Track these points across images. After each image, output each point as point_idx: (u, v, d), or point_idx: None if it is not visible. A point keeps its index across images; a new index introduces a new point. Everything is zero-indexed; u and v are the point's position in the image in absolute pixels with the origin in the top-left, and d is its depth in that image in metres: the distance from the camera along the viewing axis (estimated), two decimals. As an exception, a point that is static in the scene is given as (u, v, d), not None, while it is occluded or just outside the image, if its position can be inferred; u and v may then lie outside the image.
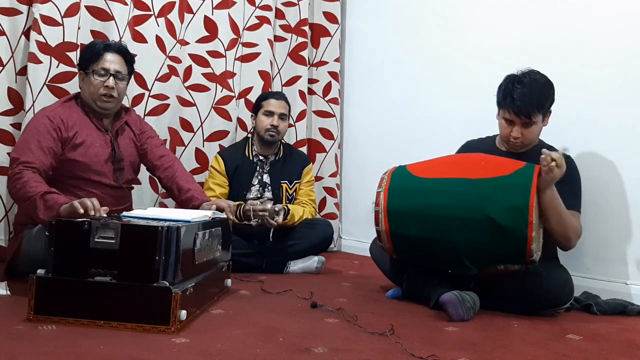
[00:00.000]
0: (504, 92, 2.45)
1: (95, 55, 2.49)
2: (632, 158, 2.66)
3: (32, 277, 1.84)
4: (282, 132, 3.23)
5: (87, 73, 2.50)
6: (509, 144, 2.52)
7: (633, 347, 1.97)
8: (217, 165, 3.19)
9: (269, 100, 3.23)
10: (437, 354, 1.72)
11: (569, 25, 2.88)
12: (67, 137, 2.43)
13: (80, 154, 2.45)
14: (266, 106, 3.21)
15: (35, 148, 2.32)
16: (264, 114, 3.20)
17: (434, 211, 2.27)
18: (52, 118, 2.41)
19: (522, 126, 2.43)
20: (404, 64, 3.75)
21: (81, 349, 1.62)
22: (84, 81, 2.52)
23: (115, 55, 2.53)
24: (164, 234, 1.84)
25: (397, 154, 3.59)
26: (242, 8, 3.62)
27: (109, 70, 2.49)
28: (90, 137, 2.49)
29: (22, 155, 2.30)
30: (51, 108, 2.49)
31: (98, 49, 2.51)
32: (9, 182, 2.31)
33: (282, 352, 1.70)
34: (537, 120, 2.43)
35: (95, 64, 2.49)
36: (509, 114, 2.43)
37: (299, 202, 3.26)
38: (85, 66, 2.51)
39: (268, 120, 3.18)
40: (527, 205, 2.15)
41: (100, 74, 2.48)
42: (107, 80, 2.48)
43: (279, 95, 3.31)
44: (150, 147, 2.71)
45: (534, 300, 2.30)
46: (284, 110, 3.22)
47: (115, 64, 2.52)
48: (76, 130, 2.46)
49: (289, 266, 3.05)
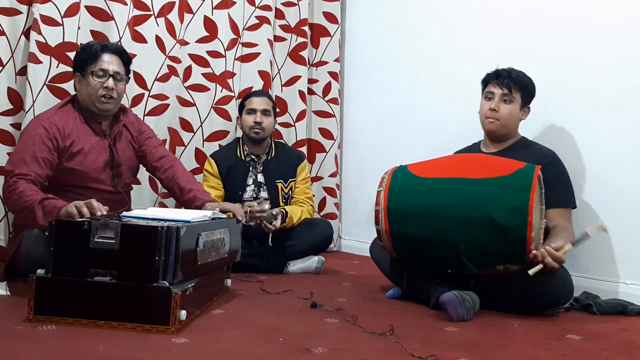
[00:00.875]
0: (488, 72, 2.67)
1: (92, 57, 2.45)
2: (631, 158, 2.65)
3: (32, 277, 1.84)
4: (268, 128, 3.20)
5: (85, 74, 2.46)
6: (484, 125, 2.66)
7: (633, 347, 1.97)
8: (210, 168, 3.18)
9: (250, 98, 3.24)
10: (437, 354, 1.72)
11: (567, 29, 2.88)
12: (63, 147, 2.39)
13: (77, 163, 2.42)
14: (248, 105, 3.22)
15: (30, 160, 2.28)
16: (246, 112, 3.21)
17: (434, 211, 2.27)
18: (48, 127, 2.36)
19: (500, 99, 2.60)
20: (404, 64, 3.75)
21: (81, 349, 1.62)
22: (81, 83, 2.48)
23: (112, 56, 2.49)
24: (164, 234, 1.84)
25: (397, 154, 3.59)
26: (242, 8, 3.62)
27: (108, 71, 2.45)
28: (88, 144, 2.46)
29: (16, 168, 2.26)
30: (47, 116, 2.43)
31: (95, 50, 2.46)
32: (5, 195, 2.28)
33: (282, 352, 1.70)
34: (516, 98, 2.60)
35: (92, 65, 2.44)
36: (492, 87, 2.63)
37: (296, 201, 3.25)
38: (82, 68, 2.46)
39: (251, 117, 3.17)
40: (527, 205, 2.15)
41: (99, 75, 2.44)
42: (106, 82, 2.44)
43: (260, 92, 3.32)
44: (149, 148, 2.68)
45: (534, 300, 2.30)
46: (266, 106, 3.20)
47: (114, 65, 2.48)
48: (73, 138, 2.42)
49: (288, 266, 3.05)
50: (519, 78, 2.60)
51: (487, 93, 2.65)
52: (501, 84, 2.60)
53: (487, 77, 2.67)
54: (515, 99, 2.60)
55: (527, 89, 2.62)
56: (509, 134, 2.66)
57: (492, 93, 2.63)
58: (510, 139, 2.67)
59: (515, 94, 2.60)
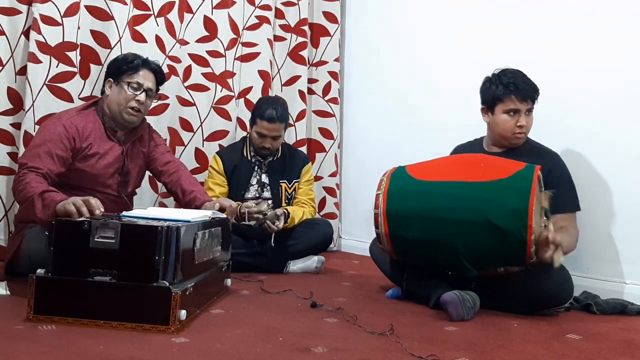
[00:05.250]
0: (503, 85, 2.51)
1: (133, 69, 2.51)
2: (631, 158, 2.66)
3: (32, 277, 1.84)
4: (276, 147, 3.18)
5: (119, 83, 2.50)
6: (511, 139, 2.54)
7: (633, 347, 1.97)
8: (215, 165, 3.19)
9: (262, 122, 3.07)
10: (437, 354, 1.72)
11: (571, 30, 2.88)
12: (80, 148, 2.43)
13: (89, 165, 2.46)
14: (259, 127, 3.10)
15: (44, 155, 2.32)
16: (256, 132, 3.13)
17: (433, 214, 2.26)
18: (68, 127, 2.40)
19: (526, 113, 2.50)
20: (404, 63, 3.75)
21: (81, 349, 1.62)
22: (112, 89, 2.52)
23: (150, 74, 2.55)
24: (164, 233, 1.84)
25: (397, 153, 3.60)
26: (242, 8, 3.62)
27: (143, 86, 2.51)
28: (103, 149, 2.50)
29: (29, 161, 2.30)
30: (68, 115, 2.47)
31: (137, 63, 2.52)
32: (14, 185, 2.31)
33: (282, 352, 1.70)
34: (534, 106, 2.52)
35: (130, 76, 2.50)
36: (515, 103, 2.49)
37: (298, 201, 3.25)
38: (118, 76, 2.51)
39: (260, 140, 3.13)
40: (527, 208, 2.14)
41: (134, 87, 2.49)
42: (139, 95, 2.49)
43: (272, 118, 3.06)
44: (157, 154, 2.73)
45: (534, 300, 2.30)
46: (276, 133, 3.11)
47: (149, 82, 2.54)
48: (90, 141, 2.46)
49: (288, 266, 3.06)
50: (533, 86, 2.51)
51: (510, 110, 2.49)
52: (523, 97, 2.47)
53: (508, 92, 2.49)
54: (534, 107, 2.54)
55: (538, 94, 2.54)
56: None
57: (516, 110, 2.49)
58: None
59: (536, 102, 2.53)
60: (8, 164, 2.83)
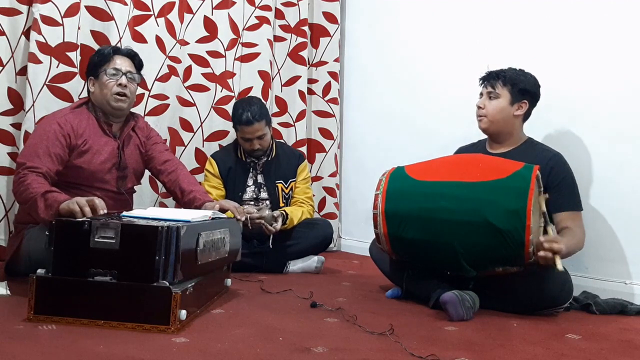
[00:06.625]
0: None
1: (105, 58, 2.52)
2: (631, 158, 2.66)
3: (32, 276, 1.84)
4: (266, 145, 3.17)
5: (98, 76, 2.51)
6: (478, 123, 2.66)
7: (632, 347, 1.97)
8: (210, 168, 3.18)
9: (242, 127, 3.08)
10: (436, 354, 1.73)
11: (569, 32, 2.88)
12: (75, 144, 2.43)
13: (85, 161, 2.46)
14: (241, 132, 3.11)
15: (43, 154, 2.32)
16: (241, 138, 3.14)
17: (432, 214, 2.26)
18: (63, 124, 2.41)
19: (486, 97, 2.62)
20: (404, 63, 3.75)
21: (81, 349, 1.62)
22: (95, 85, 2.53)
23: (124, 58, 2.56)
24: (164, 233, 1.84)
25: (396, 153, 3.60)
26: (242, 8, 3.62)
27: (121, 70, 2.51)
28: (98, 144, 2.50)
29: (28, 161, 2.30)
30: (62, 114, 2.48)
31: (108, 52, 2.54)
32: (14, 187, 2.31)
33: (282, 352, 1.71)
34: (502, 94, 2.58)
35: (105, 65, 2.51)
36: (481, 88, 2.66)
37: (296, 201, 3.25)
38: (95, 71, 2.52)
39: (247, 144, 3.13)
40: (525, 208, 2.13)
41: (112, 73, 2.50)
42: (119, 79, 2.49)
43: (250, 120, 3.04)
44: (155, 153, 2.72)
45: (534, 300, 2.30)
46: (259, 133, 3.09)
47: (126, 65, 2.54)
48: (85, 137, 2.46)
49: (288, 266, 3.06)
50: (504, 74, 2.59)
51: (479, 95, 2.68)
52: (486, 82, 2.64)
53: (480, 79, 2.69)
54: (501, 95, 2.57)
55: (516, 84, 2.56)
56: (503, 131, 2.61)
57: (480, 93, 2.67)
58: (510, 137, 2.62)
59: (501, 89, 2.57)
60: (8, 164, 2.83)
